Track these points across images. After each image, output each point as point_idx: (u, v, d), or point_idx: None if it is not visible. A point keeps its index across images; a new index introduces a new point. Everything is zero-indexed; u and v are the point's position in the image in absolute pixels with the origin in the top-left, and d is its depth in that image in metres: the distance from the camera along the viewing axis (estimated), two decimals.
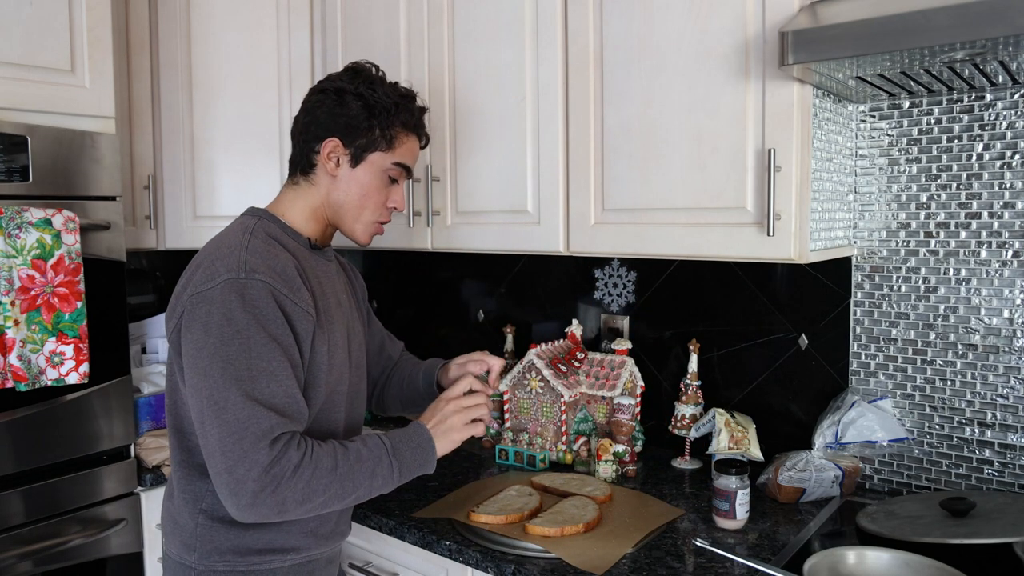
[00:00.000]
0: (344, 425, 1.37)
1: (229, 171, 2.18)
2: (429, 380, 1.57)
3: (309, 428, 1.28)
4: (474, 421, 1.35)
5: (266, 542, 1.29)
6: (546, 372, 1.88)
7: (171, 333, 1.25)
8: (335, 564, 1.46)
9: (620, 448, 1.82)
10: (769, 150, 1.37)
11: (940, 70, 1.30)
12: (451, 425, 1.33)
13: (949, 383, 1.61)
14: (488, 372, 1.51)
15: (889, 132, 1.64)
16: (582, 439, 1.89)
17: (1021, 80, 1.41)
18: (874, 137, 1.66)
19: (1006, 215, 1.53)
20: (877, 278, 1.67)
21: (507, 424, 1.98)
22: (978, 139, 1.54)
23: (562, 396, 1.87)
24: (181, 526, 1.32)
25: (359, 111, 1.31)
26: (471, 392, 1.39)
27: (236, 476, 1.12)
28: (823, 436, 1.65)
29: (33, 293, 1.61)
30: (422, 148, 1.44)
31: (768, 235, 1.39)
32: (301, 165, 1.37)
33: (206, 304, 1.17)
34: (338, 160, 1.33)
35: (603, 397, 1.92)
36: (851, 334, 1.71)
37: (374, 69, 1.36)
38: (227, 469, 1.13)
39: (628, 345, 1.97)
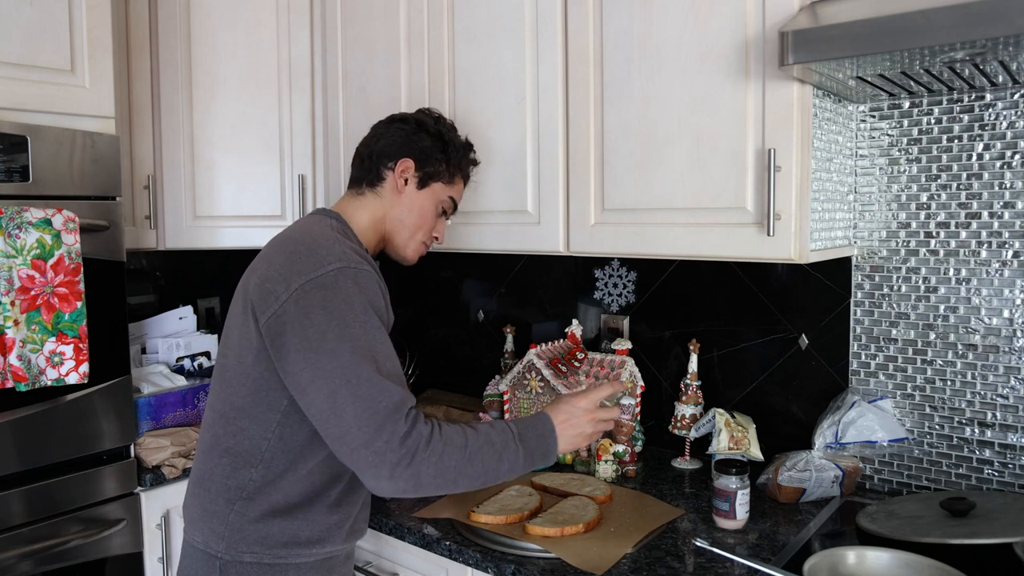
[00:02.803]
0: None
1: (229, 171, 2.18)
2: None
3: None
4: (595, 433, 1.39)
5: (291, 535, 1.31)
6: (546, 372, 1.88)
7: (270, 320, 1.24)
8: (351, 561, 1.48)
9: (620, 448, 1.82)
10: (769, 150, 1.37)
11: (940, 70, 1.30)
12: (580, 430, 1.36)
13: (949, 383, 1.61)
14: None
15: (889, 132, 1.64)
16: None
17: (1021, 80, 1.41)
18: (874, 137, 1.66)
19: (1006, 215, 1.53)
20: (877, 278, 1.67)
21: None
22: (978, 139, 1.54)
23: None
24: (213, 514, 1.32)
25: (435, 143, 1.47)
26: (603, 407, 1.42)
27: (375, 449, 1.16)
28: (823, 436, 1.65)
29: (33, 293, 1.61)
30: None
31: (768, 235, 1.39)
32: (369, 178, 1.47)
33: (322, 290, 1.22)
34: (407, 180, 1.46)
35: None
36: (851, 334, 1.71)
37: (447, 119, 1.55)
38: (365, 443, 1.16)
39: (628, 345, 1.97)
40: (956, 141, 1.57)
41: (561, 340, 2.03)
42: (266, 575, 1.31)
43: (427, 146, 1.46)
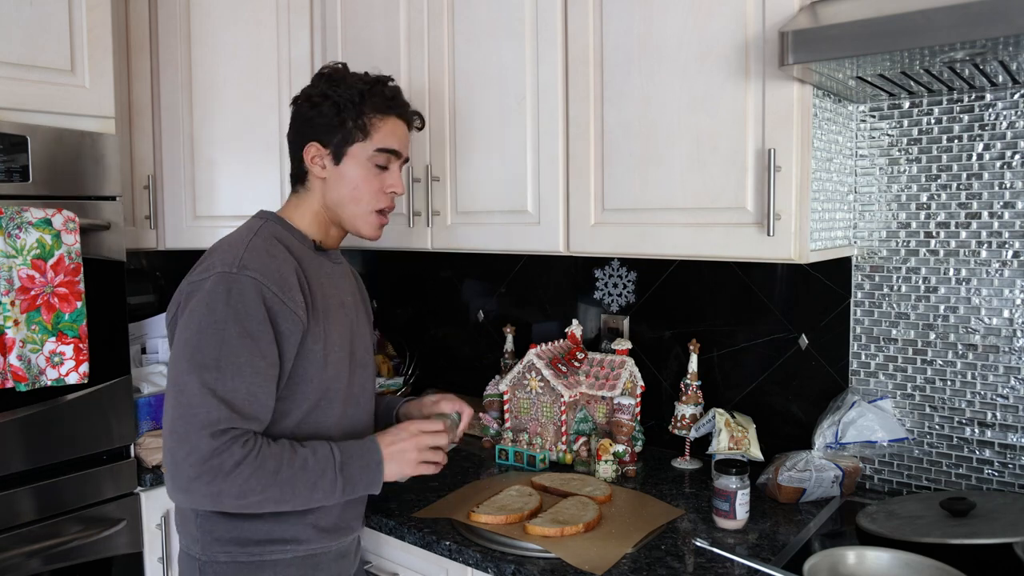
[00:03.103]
0: (339, 423, 1.39)
1: (229, 171, 2.18)
2: (387, 418, 1.59)
3: (302, 423, 1.33)
4: (427, 462, 1.36)
5: (265, 533, 1.32)
6: (546, 372, 1.88)
7: (169, 323, 1.31)
8: (349, 559, 1.47)
9: (620, 448, 1.82)
10: (769, 150, 1.37)
11: (940, 70, 1.30)
12: (406, 458, 1.33)
13: (949, 383, 1.61)
14: (459, 415, 1.50)
15: (889, 132, 1.64)
16: (582, 439, 1.89)
17: (1021, 80, 1.41)
18: (874, 137, 1.66)
19: (1006, 215, 1.53)
20: (877, 278, 1.67)
21: (507, 424, 1.98)
22: (978, 139, 1.54)
23: (562, 396, 1.87)
24: (185, 516, 1.36)
25: (328, 110, 1.36)
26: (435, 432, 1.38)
27: (176, 459, 1.17)
28: (823, 436, 1.65)
29: (33, 293, 1.61)
30: (418, 128, 1.48)
31: (768, 235, 1.39)
32: (297, 175, 1.43)
33: (197, 294, 1.24)
34: (322, 162, 1.38)
35: (603, 397, 1.92)
36: (851, 334, 1.71)
37: (341, 67, 1.41)
38: (170, 450, 1.18)
39: (628, 345, 1.97)
40: (956, 141, 1.57)
41: (561, 340, 2.03)
42: (244, 573, 1.32)
43: (323, 116, 1.36)
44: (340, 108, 1.35)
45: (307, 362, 1.31)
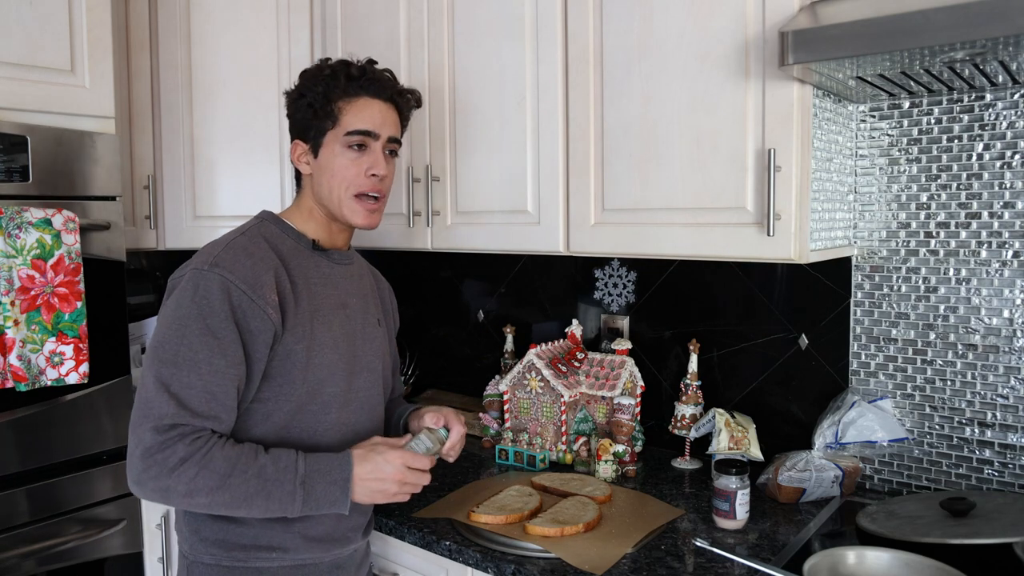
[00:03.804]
0: (336, 428, 1.35)
1: (229, 171, 2.18)
2: (397, 428, 1.55)
3: (290, 425, 1.30)
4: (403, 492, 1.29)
5: (251, 538, 1.30)
6: (546, 372, 1.88)
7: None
8: (348, 571, 1.41)
9: (620, 448, 1.82)
10: (769, 150, 1.37)
11: (940, 70, 1.30)
12: (383, 487, 1.26)
13: (949, 383, 1.60)
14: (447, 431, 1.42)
15: (889, 132, 1.64)
16: (582, 439, 1.89)
17: (1021, 80, 1.41)
18: (874, 137, 1.66)
19: (1006, 215, 1.53)
20: (877, 278, 1.67)
21: (507, 424, 1.98)
22: (978, 139, 1.54)
23: (562, 396, 1.87)
24: (178, 516, 1.38)
25: (301, 107, 1.37)
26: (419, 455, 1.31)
27: (129, 450, 1.19)
28: (823, 436, 1.65)
29: (33, 293, 1.61)
30: (414, 105, 1.45)
31: (768, 235, 1.39)
32: (295, 176, 1.45)
33: (171, 291, 1.26)
34: (306, 159, 1.39)
35: (603, 397, 1.92)
36: (851, 334, 1.71)
37: (322, 61, 1.40)
38: (129, 444, 1.20)
39: (628, 345, 1.97)
40: (956, 141, 1.57)
41: (561, 340, 2.03)
42: None
43: (297, 114, 1.38)
44: (310, 103, 1.35)
45: (289, 363, 1.28)
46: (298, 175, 1.43)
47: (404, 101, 1.43)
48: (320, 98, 1.34)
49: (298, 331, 1.29)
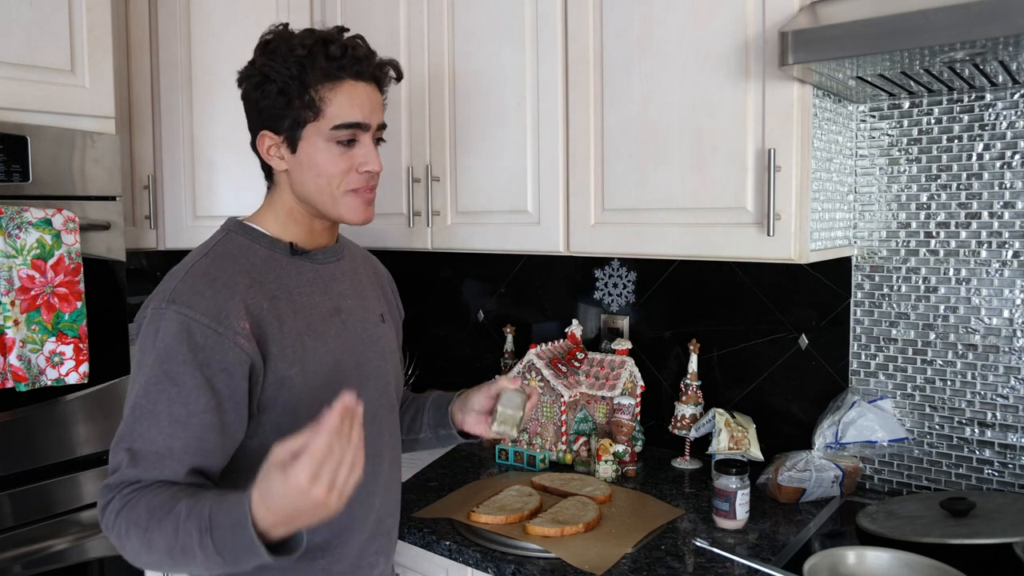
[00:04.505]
0: None
1: (229, 171, 2.18)
2: (438, 419, 1.38)
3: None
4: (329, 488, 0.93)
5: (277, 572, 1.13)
6: (546, 372, 1.88)
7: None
8: None
9: (620, 448, 1.82)
10: (769, 150, 1.37)
11: (940, 70, 1.30)
12: (296, 493, 0.88)
13: (949, 383, 1.60)
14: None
15: (889, 132, 1.64)
16: (582, 439, 1.89)
17: (1021, 80, 1.41)
18: (874, 137, 1.66)
19: (1006, 215, 1.53)
20: (877, 278, 1.67)
21: None
22: (978, 139, 1.54)
23: (562, 396, 1.87)
24: None
25: (269, 94, 1.15)
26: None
27: None
28: (823, 436, 1.65)
29: (33, 293, 1.61)
30: (395, 80, 1.24)
31: (768, 235, 1.39)
32: (264, 170, 1.25)
33: (136, 332, 1.13)
34: (279, 153, 1.19)
35: (603, 397, 1.92)
36: (851, 334, 1.71)
37: (281, 28, 1.19)
38: None
39: (628, 345, 1.97)
40: (956, 141, 1.57)
41: (561, 340, 2.03)
42: None
43: (266, 99, 1.16)
44: (282, 87, 1.13)
45: (285, 391, 1.12)
46: (266, 169, 1.24)
47: (385, 76, 1.22)
48: (295, 84, 1.13)
49: (288, 354, 1.13)
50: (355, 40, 1.17)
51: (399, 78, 1.25)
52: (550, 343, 1.99)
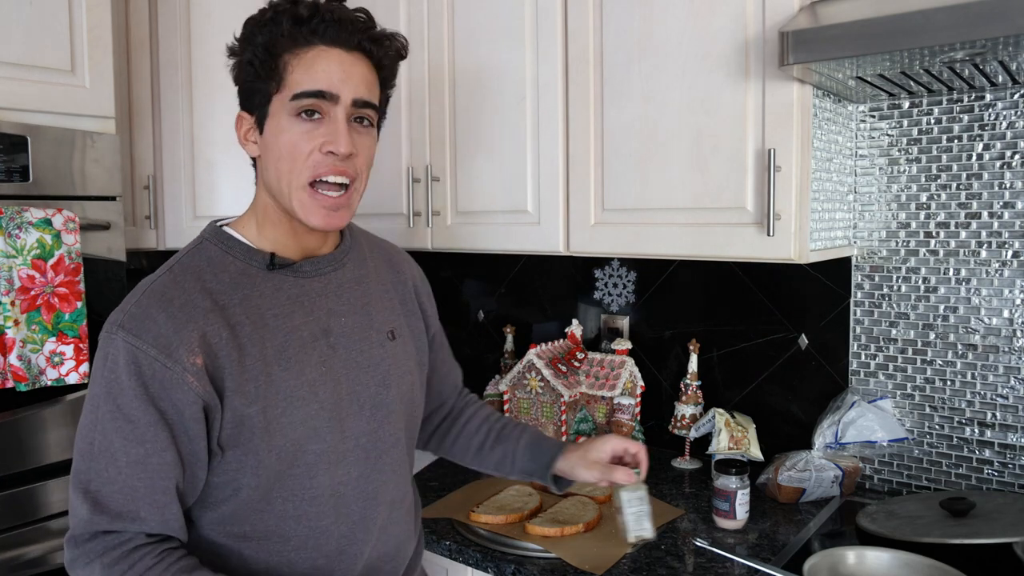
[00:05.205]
0: (329, 494, 1.06)
1: (229, 171, 2.18)
2: (537, 468, 1.29)
3: (270, 495, 1.03)
4: None
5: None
6: (546, 372, 1.88)
7: None
8: None
9: None
10: (769, 150, 1.37)
11: (940, 70, 1.30)
12: None
13: (949, 383, 1.61)
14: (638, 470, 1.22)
15: (889, 132, 1.64)
16: (582, 439, 1.89)
17: (1021, 80, 1.41)
18: (874, 137, 1.66)
19: (1006, 215, 1.53)
20: (877, 278, 1.67)
21: None
22: (978, 139, 1.54)
23: (562, 396, 1.87)
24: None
25: (239, 67, 1.04)
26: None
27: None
28: (823, 436, 1.65)
29: (33, 293, 1.61)
30: (398, 55, 1.10)
31: (768, 235, 1.39)
32: (254, 166, 1.11)
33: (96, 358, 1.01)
34: (253, 136, 1.06)
35: (603, 397, 1.92)
36: (851, 334, 1.71)
37: (267, 6, 1.03)
38: None
39: (628, 345, 1.97)
40: (956, 141, 1.57)
41: (561, 340, 2.03)
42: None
43: (240, 77, 1.05)
44: (249, 60, 1.01)
45: (245, 431, 0.99)
46: (252, 162, 1.10)
47: (381, 50, 1.05)
48: (261, 51, 0.99)
49: (248, 390, 0.99)
50: (333, 3, 1.02)
51: (401, 55, 1.10)
52: (550, 343, 1.99)
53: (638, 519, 1.21)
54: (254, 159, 1.09)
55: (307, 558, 1.06)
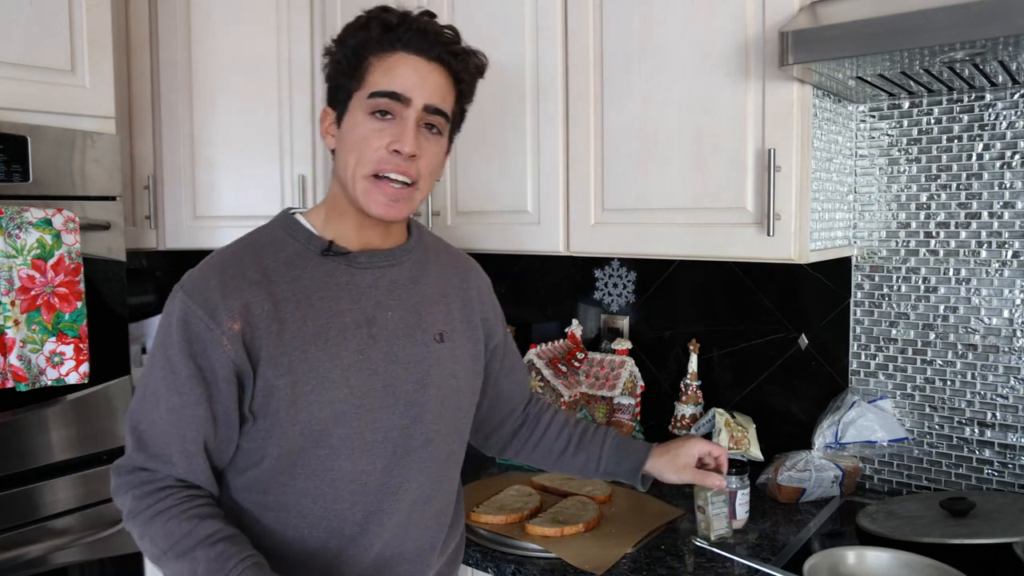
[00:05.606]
0: (349, 480, 1.09)
1: (229, 171, 2.18)
2: (624, 470, 1.34)
3: (293, 469, 1.08)
4: None
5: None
6: (546, 372, 1.88)
7: None
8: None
9: None
10: (769, 150, 1.37)
11: (940, 70, 1.30)
12: None
13: (949, 383, 1.61)
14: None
15: (889, 132, 1.64)
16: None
17: (1021, 80, 1.41)
18: (874, 137, 1.66)
19: (1006, 215, 1.53)
20: (877, 278, 1.67)
21: None
22: (978, 139, 1.54)
23: (562, 396, 1.87)
24: None
25: (331, 65, 1.12)
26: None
27: None
28: (823, 436, 1.65)
29: (33, 293, 1.61)
30: (475, 72, 1.16)
31: (768, 235, 1.39)
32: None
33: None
34: (332, 130, 1.13)
35: (603, 397, 1.92)
36: (851, 334, 1.71)
37: (366, 12, 1.11)
38: None
39: (628, 345, 1.97)
40: (956, 141, 1.57)
41: (561, 340, 2.03)
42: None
43: (330, 76, 1.12)
44: (339, 57, 1.10)
45: (274, 400, 1.05)
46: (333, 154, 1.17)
47: (460, 63, 1.11)
48: (350, 52, 1.08)
49: (281, 362, 1.04)
50: (422, 16, 1.09)
51: (480, 71, 1.16)
52: (550, 343, 1.99)
53: (720, 520, 1.41)
54: (333, 152, 1.15)
55: (319, 537, 1.10)
